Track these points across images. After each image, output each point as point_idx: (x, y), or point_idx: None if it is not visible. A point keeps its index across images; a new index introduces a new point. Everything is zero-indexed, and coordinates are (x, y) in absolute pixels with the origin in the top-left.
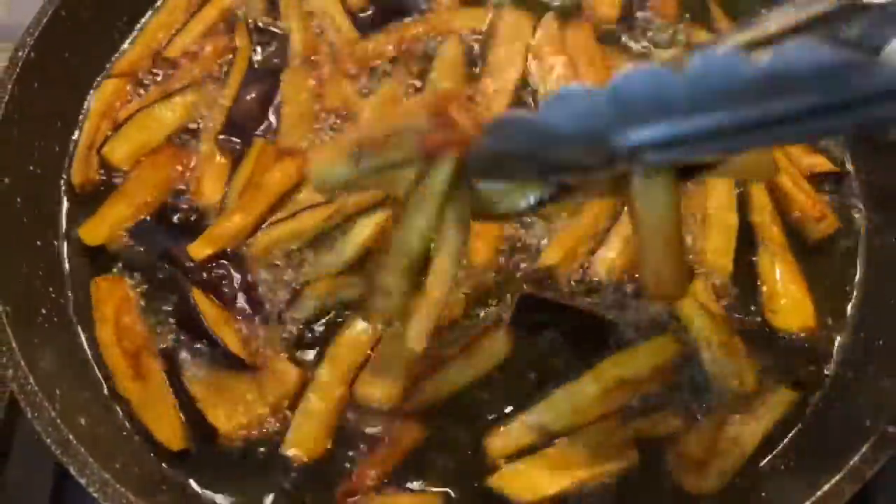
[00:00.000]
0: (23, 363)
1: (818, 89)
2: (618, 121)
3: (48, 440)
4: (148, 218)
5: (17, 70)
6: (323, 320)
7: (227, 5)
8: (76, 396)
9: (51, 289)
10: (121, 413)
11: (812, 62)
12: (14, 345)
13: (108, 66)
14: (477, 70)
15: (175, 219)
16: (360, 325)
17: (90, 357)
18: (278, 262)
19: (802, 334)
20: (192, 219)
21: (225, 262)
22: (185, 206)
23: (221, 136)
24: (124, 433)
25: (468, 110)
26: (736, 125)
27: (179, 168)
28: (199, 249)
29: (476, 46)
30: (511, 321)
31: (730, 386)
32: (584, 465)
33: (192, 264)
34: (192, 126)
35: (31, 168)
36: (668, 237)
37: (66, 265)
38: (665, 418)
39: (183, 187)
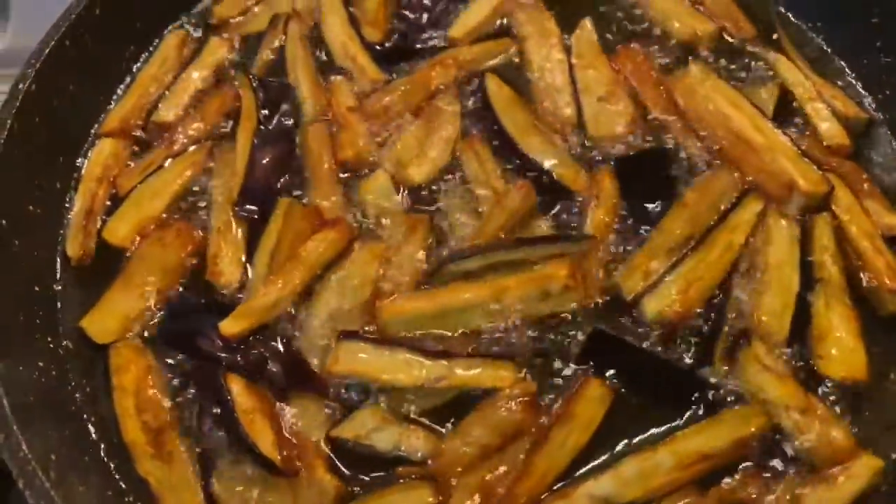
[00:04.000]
0: (15, 427)
1: None
2: None
3: None
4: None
5: (17, 104)
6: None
7: (219, 60)
8: (74, 465)
9: (48, 338)
10: (123, 483)
11: None
12: (6, 408)
13: (114, 99)
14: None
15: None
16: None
17: (90, 421)
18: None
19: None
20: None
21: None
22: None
23: (236, 205)
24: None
25: None
26: None
27: (190, 246)
28: (232, 326)
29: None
30: (580, 354)
31: (822, 452)
32: None
33: (226, 345)
34: (198, 188)
35: (31, 208)
36: None
37: (60, 314)
38: (744, 483)
39: (195, 262)
